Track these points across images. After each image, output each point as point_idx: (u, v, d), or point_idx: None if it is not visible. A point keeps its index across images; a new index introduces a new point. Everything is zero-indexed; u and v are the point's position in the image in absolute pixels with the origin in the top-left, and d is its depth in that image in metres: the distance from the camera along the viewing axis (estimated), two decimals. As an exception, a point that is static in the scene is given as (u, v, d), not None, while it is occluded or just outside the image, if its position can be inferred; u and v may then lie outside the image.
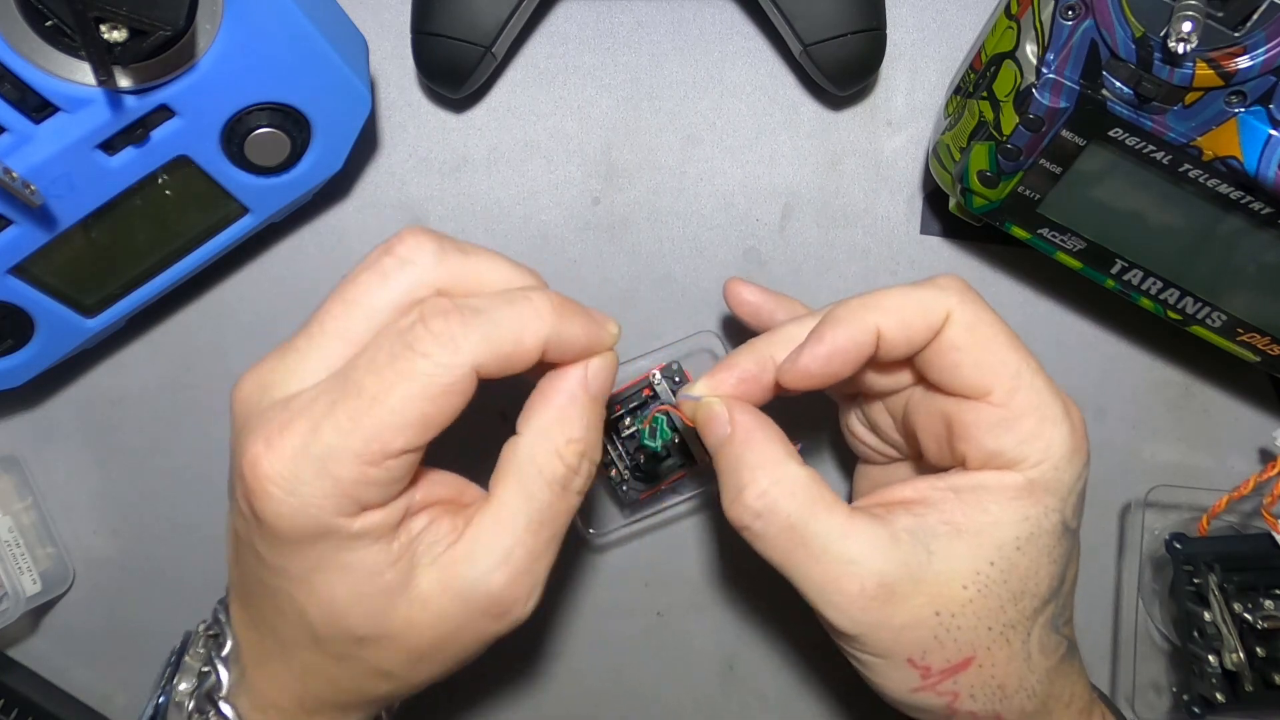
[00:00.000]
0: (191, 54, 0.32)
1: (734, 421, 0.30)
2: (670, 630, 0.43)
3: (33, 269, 0.35)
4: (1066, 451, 0.28)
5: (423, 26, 0.38)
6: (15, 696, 0.42)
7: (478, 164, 0.42)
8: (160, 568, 0.43)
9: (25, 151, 0.31)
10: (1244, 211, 0.34)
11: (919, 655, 0.28)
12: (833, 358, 0.29)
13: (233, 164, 0.35)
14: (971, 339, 0.28)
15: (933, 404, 0.30)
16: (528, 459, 0.28)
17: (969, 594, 0.28)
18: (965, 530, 0.28)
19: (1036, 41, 0.33)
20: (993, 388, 0.28)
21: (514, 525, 0.28)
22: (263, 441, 0.26)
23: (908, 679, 0.29)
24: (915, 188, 0.42)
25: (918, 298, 0.29)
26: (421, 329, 0.26)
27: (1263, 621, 0.36)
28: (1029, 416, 0.28)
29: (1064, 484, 0.29)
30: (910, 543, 0.28)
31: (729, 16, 0.42)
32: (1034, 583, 0.29)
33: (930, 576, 0.28)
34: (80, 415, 0.43)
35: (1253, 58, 0.30)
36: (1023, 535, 0.28)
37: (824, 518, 0.28)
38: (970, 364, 0.28)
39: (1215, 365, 0.42)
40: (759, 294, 0.36)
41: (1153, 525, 0.41)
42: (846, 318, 0.29)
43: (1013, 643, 0.29)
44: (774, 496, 0.28)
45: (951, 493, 0.29)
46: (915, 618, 0.28)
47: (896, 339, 0.29)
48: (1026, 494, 0.28)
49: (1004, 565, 0.28)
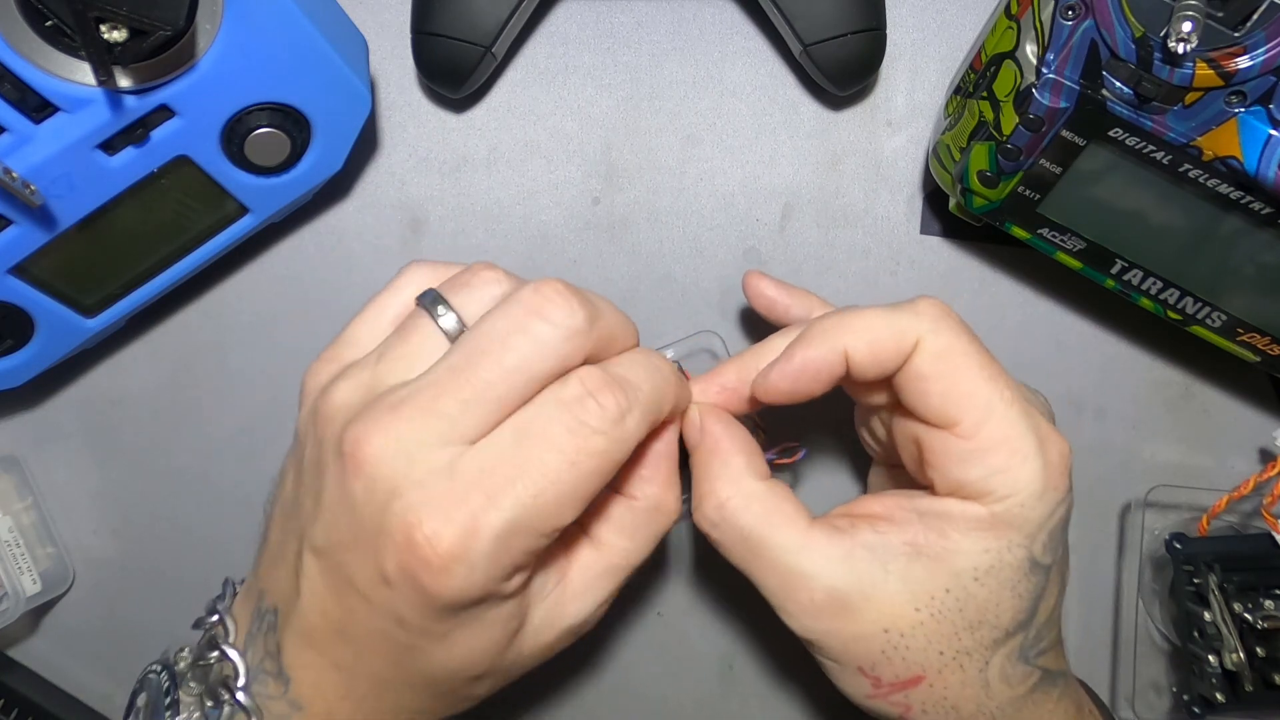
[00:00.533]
0: (191, 54, 0.32)
1: (704, 430, 0.31)
2: (670, 630, 0.43)
3: (33, 269, 0.35)
4: (1036, 489, 0.28)
5: (423, 26, 0.38)
6: (15, 696, 0.42)
7: (478, 164, 0.42)
8: (160, 568, 0.43)
9: (25, 151, 0.31)
10: (1244, 211, 0.34)
11: (869, 666, 0.29)
12: (800, 377, 0.29)
13: (233, 164, 0.35)
14: (939, 368, 0.28)
15: (905, 426, 0.30)
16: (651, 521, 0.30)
17: (920, 616, 0.28)
18: (924, 554, 0.28)
19: (1036, 41, 0.33)
20: (960, 419, 0.28)
21: (620, 574, 0.30)
22: (440, 516, 0.25)
23: (861, 686, 0.30)
24: (915, 188, 0.42)
25: (889, 322, 0.28)
26: (595, 405, 0.26)
27: (1263, 621, 0.36)
28: (997, 451, 0.28)
29: (1031, 521, 0.28)
30: (867, 559, 0.29)
31: (729, 16, 0.42)
32: (993, 614, 0.28)
33: (883, 595, 0.28)
34: (80, 415, 0.43)
35: (1253, 58, 0.30)
36: (981, 567, 0.28)
37: (780, 530, 0.29)
38: (937, 394, 0.28)
39: (1215, 365, 0.42)
40: (776, 288, 0.36)
41: (1153, 525, 0.41)
42: (818, 338, 0.29)
43: (967, 669, 0.29)
44: (731, 509, 0.29)
45: (916, 515, 0.29)
46: (864, 631, 0.28)
47: (865, 362, 0.29)
48: (989, 527, 0.28)
49: (959, 594, 0.28)
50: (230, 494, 0.43)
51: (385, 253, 0.42)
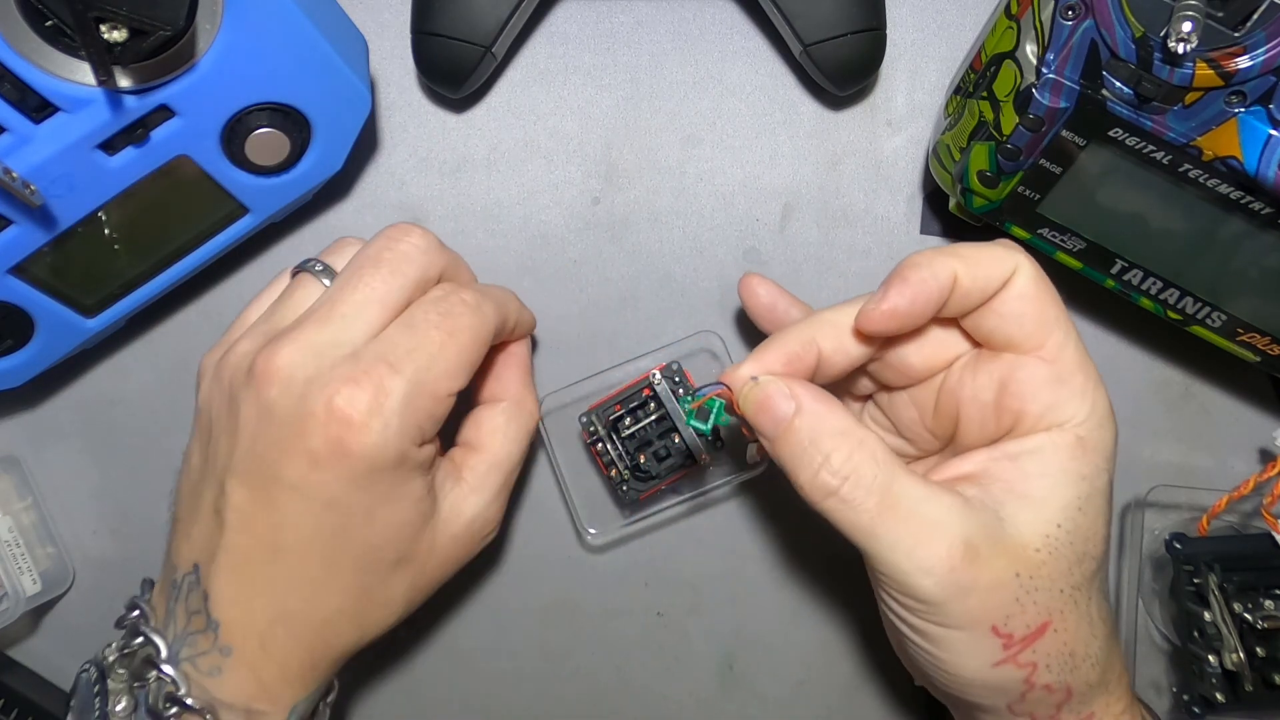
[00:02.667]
0: (191, 54, 0.32)
1: (797, 396, 0.30)
2: (670, 630, 0.43)
3: (33, 269, 0.35)
4: (1107, 410, 0.30)
5: (423, 26, 0.38)
6: (15, 696, 0.42)
7: (478, 164, 0.42)
8: (160, 567, 0.43)
9: (25, 151, 0.31)
10: (1244, 212, 0.34)
11: (1002, 621, 0.28)
12: (917, 297, 0.29)
13: (233, 164, 0.35)
14: (1038, 289, 0.30)
15: (980, 370, 0.31)
16: (515, 417, 0.36)
17: (1041, 556, 0.29)
18: (1029, 495, 0.29)
19: (1036, 41, 0.33)
20: (1045, 341, 0.30)
21: (504, 468, 0.35)
22: (351, 385, 0.30)
23: (989, 651, 0.29)
24: (915, 188, 0.42)
25: (990, 251, 0.30)
26: (458, 298, 0.32)
27: (1263, 621, 0.36)
28: (1077, 373, 0.30)
29: (1106, 443, 0.30)
30: (981, 509, 0.29)
31: (729, 16, 0.42)
32: (1093, 544, 0.30)
33: (1006, 539, 0.29)
34: (80, 415, 0.43)
35: (1253, 58, 0.30)
36: (1082, 495, 0.29)
37: (906, 480, 0.29)
38: (1034, 315, 0.30)
39: (1215, 365, 0.42)
40: (775, 292, 0.37)
41: (1153, 525, 0.41)
42: (927, 262, 0.30)
43: (1080, 605, 0.29)
44: (858, 460, 0.29)
45: (1008, 460, 0.30)
46: (999, 579, 0.28)
47: (973, 285, 0.30)
48: (1080, 453, 0.29)
49: (1069, 526, 0.29)
50: (230, 494, 0.43)
51: (385, 253, 0.42)
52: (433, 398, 0.31)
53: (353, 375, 0.30)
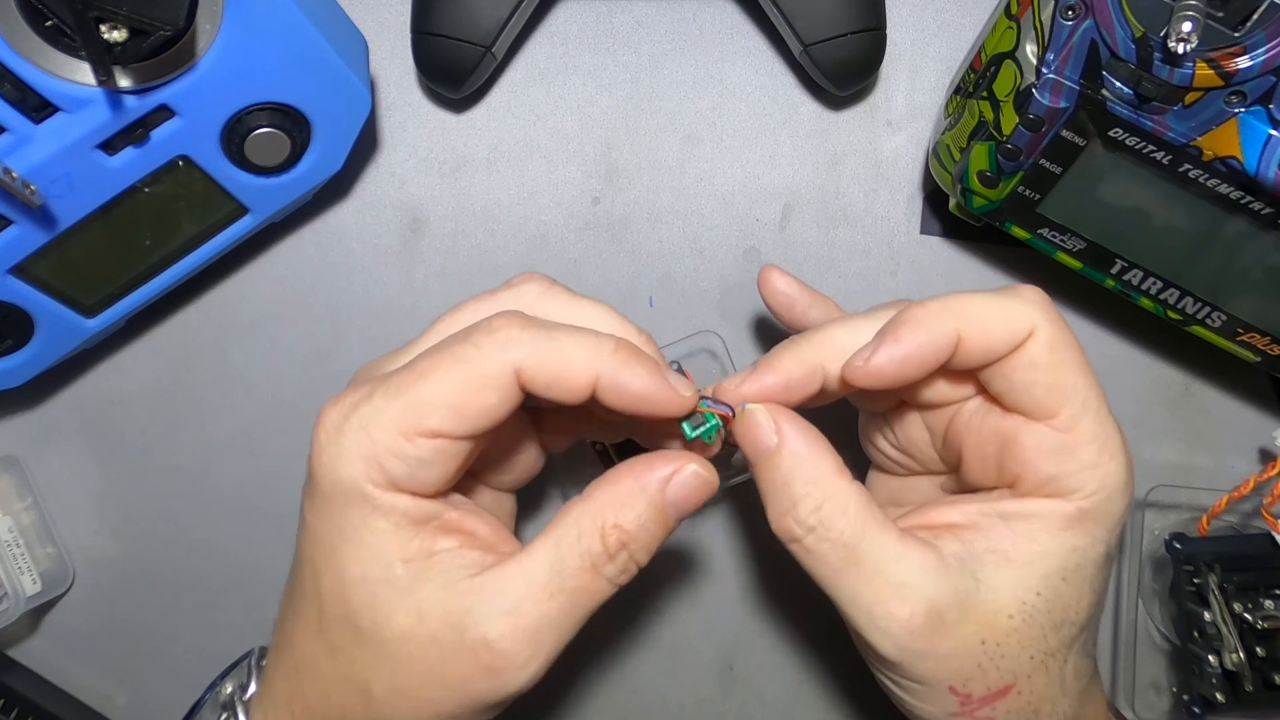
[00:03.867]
0: (191, 54, 0.32)
1: (781, 432, 0.28)
2: (670, 630, 0.43)
3: (33, 269, 0.35)
4: (1121, 483, 0.28)
5: (423, 26, 0.38)
6: (15, 696, 0.42)
7: (478, 164, 0.42)
8: (160, 568, 0.43)
9: (25, 151, 0.31)
10: (1244, 212, 0.34)
11: (960, 683, 0.28)
12: (908, 360, 0.27)
13: (233, 164, 0.35)
14: (1051, 359, 0.27)
15: (988, 421, 0.29)
16: (573, 522, 0.28)
17: (1014, 623, 0.28)
18: (1013, 559, 0.28)
19: (1036, 41, 0.33)
20: (1059, 411, 0.28)
21: (532, 580, 0.27)
22: (335, 398, 0.28)
23: (946, 705, 0.28)
24: (915, 188, 0.42)
25: (1004, 308, 0.27)
26: (483, 324, 0.27)
27: (1263, 621, 0.36)
28: (1090, 445, 0.28)
29: (1113, 516, 0.28)
30: (958, 570, 0.27)
31: (729, 16, 0.42)
32: (1075, 611, 0.28)
33: (977, 605, 0.27)
34: (80, 415, 0.43)
35: (1253, 58, 0.30)
36: (1070, 566, 0.28)
37: (877, 538, 0.27)
38: (1045, 384, 0.27)
39: (1215, 365, 0.42)
40: (795, 286, 0.35)
41: (1153, 525, 0.41)
42: (926, 320, 0.27)
43: (1051, 669, 0.28)
44: (827, 512, 0.27)
45: (1000, 519, 0.28)
46: (962, 646, 0.27)
47: (975, 348, 0.27)
48: (1077, 524, 0.28)
49: (1049, 595, 0.28)
50: (230, 494, 0.43)
51: (385, 253, 0.42)
52: (397, 429, 0.26)
53: (339, 395, 0.28)
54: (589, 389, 0.27)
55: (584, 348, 0.27)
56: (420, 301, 0.42)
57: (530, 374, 0.26)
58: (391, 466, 0.26)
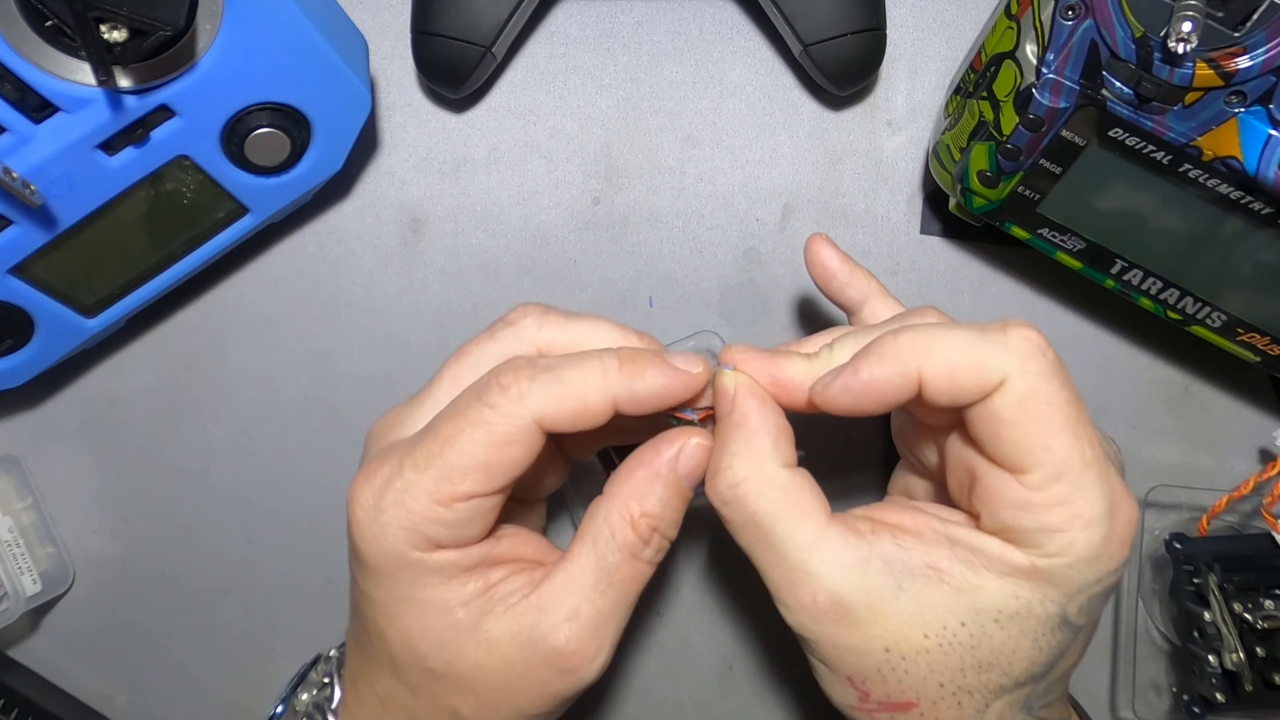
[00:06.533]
0: (191, 54, 0.32)
1: (736, 402, 0.29)
2: (670, 630, 0.43)
3: (33, 269, 0.35)
4: (1089, 555, 0.26)
5: (423, 26, 0.38)
6: (15, 696, 0.42)
7: (478, 164, 0.42)
8: (160, 568, 0.43)
9: (25, 151, 0.31)
10: (1244, 211, 0.34)
11: (859, 679, 0.28)
12: (865, 394, 0.27)
13: (233, 164, 0.35)
14: (1020, 414, 0.26)
15: (964, 454, 0.28)
16: (603, 521, 0.29)
17: (928, 644, 0.27)
18: (947, 582, 0.27)
19: (1036, 41, 0.33)
20: (1029, 470, 0.26)
21: (583, 583, 0.29)
22: (363, 475, 0.28)
23: (848, 695, 0.28)
24: (915, 188, 0.42)
25: (975, 353, 0.26)
26: (493, 382, 0.27)
27: (1263, 621, 0.36)
28: (1059, 510, 0.26)
29: (1073, 582, 0.26)
30: (881, 572, 0.27)
31: (729, 16, 0.42)
32: (1007, 660, 0.27)
33: (891, 613, 0.27)
34: (80, 415, 0.43)
35: (1253, 58, 0.30)
36: (1006, 610, 0.27)
37: (794, 524, 0.27)
38: (1011, 440, 0.26)
39: (1215, 365, 0.42)
40: (839, 261, 0.34)
41: (1153, 525, 0.41)
42: (891, 356, 0.27)
43: (964, 707, 0.27)
44: (745, 490, 0.28)
45: (947, 540, 0.27)
46: (864, 645, 0.27)
47: (939, 390, 0.26)
48: (1026, 576, 0.26)
49: (975, 631, 0.27)
50: (230, 494, 0.43)
51: (385, 253, 0.42)
52: (433, 500, 0.27)
53: (370, 468, 0.28)
54: (610, 411, 0.28)
55: (593, 374, 0.28)
56: (420, 301, 0.42)
57: (551, 419, 0.27)
58: (433, 532, 0.27)
